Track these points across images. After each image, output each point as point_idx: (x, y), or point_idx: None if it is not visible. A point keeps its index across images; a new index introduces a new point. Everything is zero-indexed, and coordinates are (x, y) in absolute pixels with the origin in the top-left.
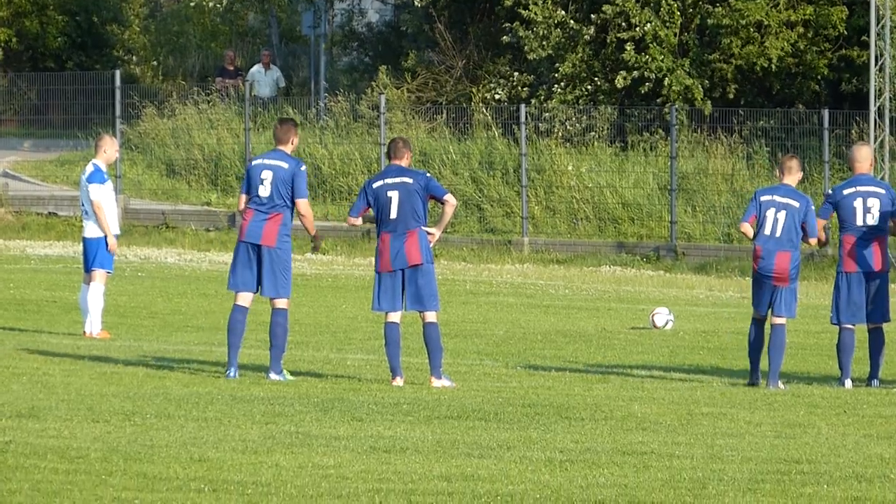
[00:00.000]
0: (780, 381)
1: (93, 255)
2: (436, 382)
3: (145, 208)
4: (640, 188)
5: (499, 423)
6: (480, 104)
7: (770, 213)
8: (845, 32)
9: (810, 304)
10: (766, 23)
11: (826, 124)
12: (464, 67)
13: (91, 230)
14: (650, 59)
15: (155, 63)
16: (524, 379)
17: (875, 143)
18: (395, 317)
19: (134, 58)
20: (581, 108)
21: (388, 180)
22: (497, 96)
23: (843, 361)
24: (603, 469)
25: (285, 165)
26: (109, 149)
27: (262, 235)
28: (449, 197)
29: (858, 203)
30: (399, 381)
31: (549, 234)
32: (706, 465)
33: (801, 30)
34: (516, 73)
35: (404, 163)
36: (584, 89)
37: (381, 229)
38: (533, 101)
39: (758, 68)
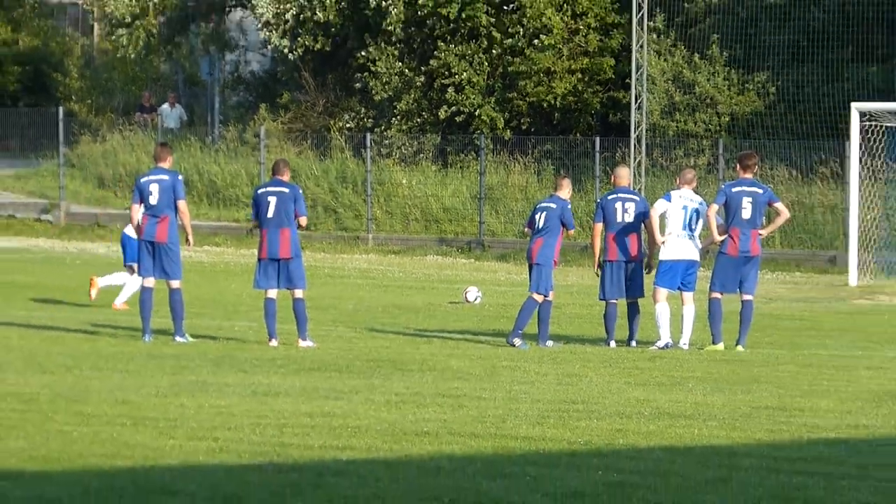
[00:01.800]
0: (549, 341)
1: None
2: (302, 343)
3: (82, 212)
4: (457, 196)
5: (349, 374)
6: (337, 133)
7: (538, 216)
8: (613, 77)
9: (585, 284)
10: (553, 69)
11: (598, 149)
12: (324, 105)
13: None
14: (465, 98)
15: (89, 101)
16: (368, 340)
17: (634, 163)
18: (272, 293)
19: (73, 97)
20: (413, 135)
21: (270, 188)
22: (349, 125)
23: (609, 327)
24: (428, 408)
25: (166, 177)
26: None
27: (156, 234)
28: (302, 219)
29: (619, 206)
30: (274, 343)
31: (388, 232)
32: (506, 405)
33: (580, 75)
34: (363, 109)
35: (284, 178)
36: (415, 122)
37: (261, 226)
38: (376, 130)
39: (546, 105)
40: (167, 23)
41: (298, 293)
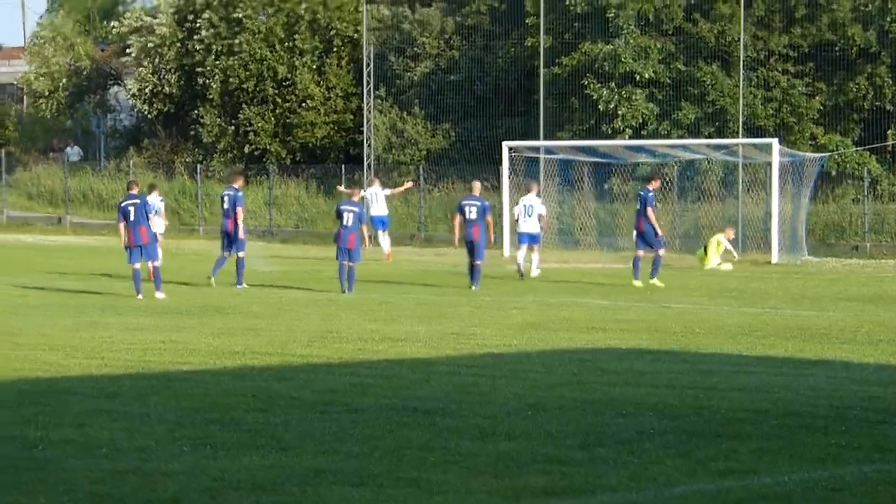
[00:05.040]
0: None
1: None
2: (158, 295)
3: (17, 215)
4: (255, 202)
5: (188, 315)
6: (179, 164)
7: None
8: (353, 126)
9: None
10: (315, 122)
11: (343, 172)
12: (170, 146)
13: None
14: (260, 140)
15: (21, 145)
16: (200, 294)
17: (366, 181)
18: (137, 266)
19: (10, 143)
20: (227, 164)
21: (129, 202)
22: (187, 159)
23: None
24: (237, 337)
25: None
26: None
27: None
28: (155, 217)
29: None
30: (140, 297)
31: (213, 226)
32: (287, 334)
33: (332, 125)
34: (195, 148)
35: (135, 191)
36: (228, 156)
37: (128, 226)
38: (204, 162)
39: (310, 144)
40: (70, 95)
41: (157, 264)
